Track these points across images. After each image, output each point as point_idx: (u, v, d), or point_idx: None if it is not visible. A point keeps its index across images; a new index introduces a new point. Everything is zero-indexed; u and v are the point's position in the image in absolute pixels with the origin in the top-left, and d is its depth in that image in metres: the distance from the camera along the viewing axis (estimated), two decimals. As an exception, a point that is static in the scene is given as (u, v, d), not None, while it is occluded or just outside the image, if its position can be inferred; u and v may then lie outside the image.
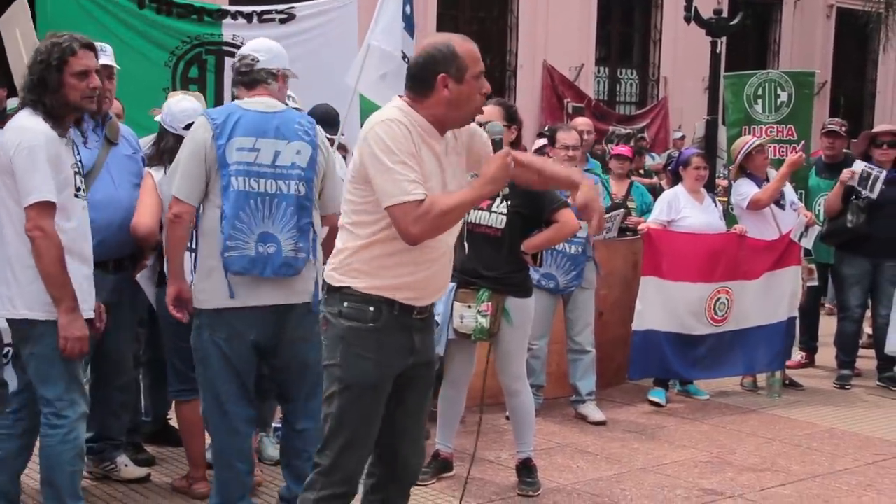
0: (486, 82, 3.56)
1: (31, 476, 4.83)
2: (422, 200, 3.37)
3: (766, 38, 20.14)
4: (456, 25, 16.14)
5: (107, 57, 4.98)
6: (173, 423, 5.83)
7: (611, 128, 13.13)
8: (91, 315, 4.34)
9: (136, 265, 5.11)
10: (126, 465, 5.29)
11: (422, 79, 3.52)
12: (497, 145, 3.55)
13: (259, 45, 4.59)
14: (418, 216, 3.37)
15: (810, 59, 18.95)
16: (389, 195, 3.39)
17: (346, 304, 3.55)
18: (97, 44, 4.98)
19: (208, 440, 5.09)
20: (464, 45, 3.54)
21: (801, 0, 20.03)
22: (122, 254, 4.99)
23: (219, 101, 7.56)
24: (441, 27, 15.84)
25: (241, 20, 7.62)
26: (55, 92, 4.15)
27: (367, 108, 6.41)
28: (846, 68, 20.99)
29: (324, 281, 3.68)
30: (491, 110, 5.28)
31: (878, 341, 8.07)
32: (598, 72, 17.88)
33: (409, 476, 3.87)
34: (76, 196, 4.23)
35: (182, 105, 5.12)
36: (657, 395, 7.27)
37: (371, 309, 3.53)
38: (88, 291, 4.32)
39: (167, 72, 7.30)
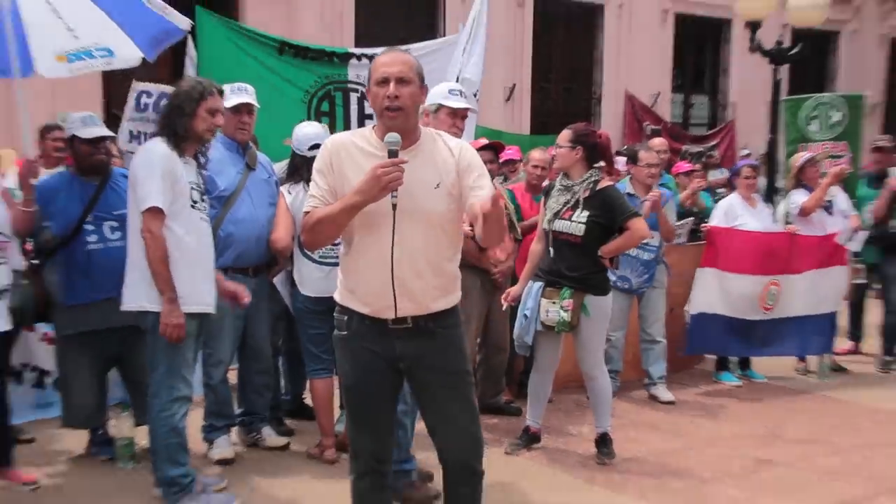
0: (391, 86, 3.16)
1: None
2: (308, 212, 3.28)
3: (826, 65, 19.51)
4: (549, 57, 16.01)
5: (248, 96, 5.11)
6: (308, 401, 5.99)
7: (684, 147, 12.96)
8: (211, 310, 4.43)
9: (271, 270, 5.26)
10: (270, 436, 5.45)
11: None
12: (391, 155, 3.11)
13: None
14: (303, 225, 3.33)
15: (865, 83, 18.27)
16: None
17: (335, 314, 3.43)
18: (242, 85, 5.16)
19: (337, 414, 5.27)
20: (377, 59, 3.27)
21: (856, 32, 19.36)
22: (259, 261, 5.14)
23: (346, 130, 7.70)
24: (536, 53, 15.61)
25: (364, 61, 7.71)
26: (188, 118, 4.29)
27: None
28: (899, 92, 20.23)
29: None
30: (562, 133, 5.30)
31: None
32: (674, 98, 17.58)
33: (459, 465, 3.42)
34: (193, 207, 4.33)
35: (305, 130, 5.21)
36: (727, 378, 7.21)
37: (345, 318, 3.36)
38: (208, 291, 4.40)
39: (303, 107, 7.43)
